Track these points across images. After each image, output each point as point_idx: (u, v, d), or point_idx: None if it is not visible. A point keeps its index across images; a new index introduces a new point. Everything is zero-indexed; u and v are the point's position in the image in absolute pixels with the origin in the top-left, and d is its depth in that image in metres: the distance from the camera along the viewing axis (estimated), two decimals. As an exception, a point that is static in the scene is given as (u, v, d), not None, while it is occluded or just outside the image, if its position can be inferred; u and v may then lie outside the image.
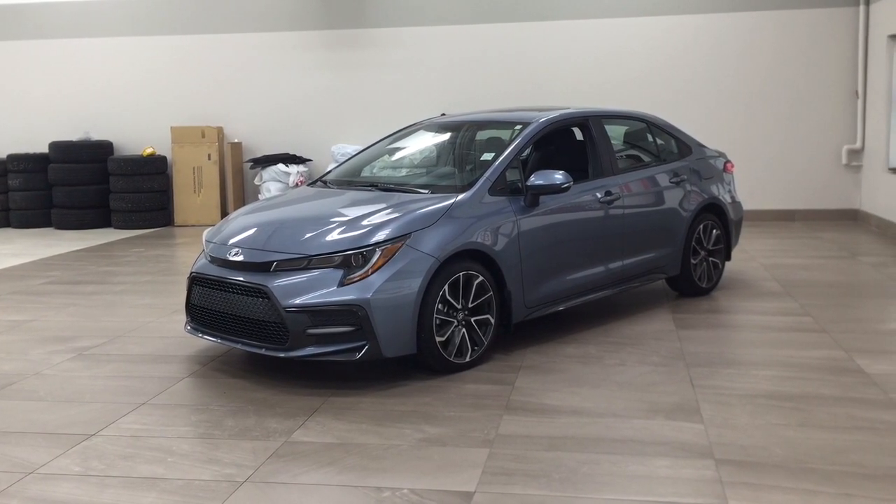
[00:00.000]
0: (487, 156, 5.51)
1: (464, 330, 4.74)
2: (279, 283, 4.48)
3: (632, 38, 11.14)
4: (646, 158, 6.48)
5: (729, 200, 6.72)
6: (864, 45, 10.57)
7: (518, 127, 5.63)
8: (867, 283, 7.12)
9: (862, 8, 10.55)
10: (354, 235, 4.60)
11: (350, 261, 4.49)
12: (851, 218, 10.82)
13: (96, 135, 12.40)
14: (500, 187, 5.13)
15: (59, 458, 3.67)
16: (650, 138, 6.56)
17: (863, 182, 10.74)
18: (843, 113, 10.81)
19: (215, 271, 4.85)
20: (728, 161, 6.98)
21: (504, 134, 5.80)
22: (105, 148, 12.17)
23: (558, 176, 5.09)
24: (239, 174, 12.17)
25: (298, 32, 11.91)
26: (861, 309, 6.26)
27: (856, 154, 10.78)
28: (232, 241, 4.92)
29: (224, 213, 11.84)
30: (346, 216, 4.87)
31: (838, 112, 10.82)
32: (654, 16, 11.09)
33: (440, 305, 4.60)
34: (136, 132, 12.37)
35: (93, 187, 11.93)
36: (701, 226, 6.40)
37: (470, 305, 4.75)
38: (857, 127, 10.73)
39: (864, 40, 10.57)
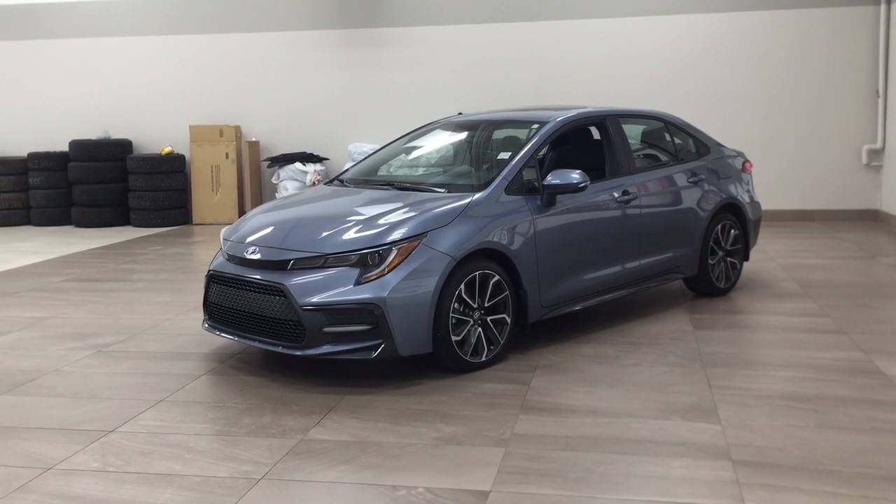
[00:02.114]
0: (504, 155, 5.50)
1: (480, 329, 4.74)
2: (296, 281, 4.50)
3: (649, 37, 11.10)
4: (663, 158, 6.46)
5: (747, 200, 6.67)
6: (886, 44, 10.47)
7: (535, 126, 5.62)
8: (887, 284, 7.05)
9: (883, 7, 10.45)
10: (371, 234, 4.60)
11: (366, 259, 4.50)
12: (871, 218, 10.72)
13: (116, 133, 12.48)
14: (517, 186, 5.12)
15: (78, 453, 3.70)
16: (668, 138, 6.53)
17: (883, 182, 10.64)
18: (863, 112, 10.72)
19: (233, 269, 4.87)
20: (746, 161, 6.94)
21: (521, 133, 5.79)
22: (124, 146, 12.25)
23: (575, 175, 5.08)
24: (256, 173, 12.22)
25: (316, 32, 11.95)
26: (881, 310, 6.21)
27: (876, 154, 10.69)
28: (249, 239, 4.94)
29: (241, 212, 11.90)
30: (363, 215, 4.88)
31: (858, 111, 10.73)
32: (672, 14, 11.04)
33: (456, 304, 4.59)
34: (154, 131, 12.45)
35: (112, 186, 12.02)
36: (719, 226, 6.37)
37: (486, 305, 4.75)
38: (877, 126, 10.64)
39: (885, 39, 10.47)
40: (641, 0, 11.11)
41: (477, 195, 4.95)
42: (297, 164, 11.57)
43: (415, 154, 6.49)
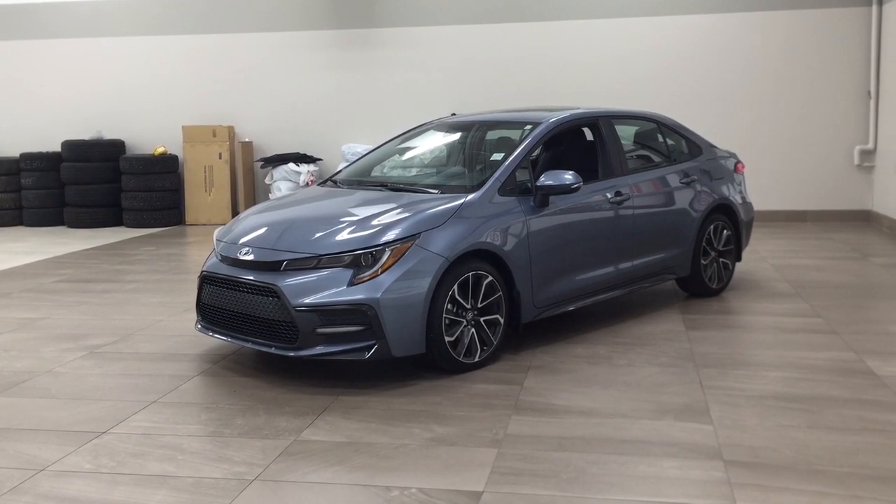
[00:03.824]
0: (497, 156, 5.51)
1: (473, 330, 4.74)
2: (289, 282, 4.50)
3: (642, 38, 11.12)
4: (656, 159, 6.47)
5: (739, 201, 6.70)
6: (877, 45, 10.52)
7: (528, 127, 5.63)
8: (878, 284, 7.08)
9: (875, 8, 10.50)
10: (364, 235, 4.61)
11: (360, 260, 4.50)
12: (863, 219, 10.77)
13: (108, 134, 12.46)
14: (510, 187, 5.13)
15: (71, 455, 3.70)
16: (660, 138, 6.55)
17: (875, 183, 10.69)
18: (855, 113, 10.76)
19: (226, 270, 4.87)
20: (739, 161, 6.96)
21: (514, 134, 5.80)
22: (117, 147, 12.23)
23: (568, 176, 5.09)
24: (250, 173, 12.21)
25: (309, 32, 11.95)
26: (872, 310, 6.23)
27: (868, 155, 10.73)
28: (242, 240, 4.94)
29: (235, 212, 11.88)
30: (356, 216, 4.89)
31: (850, 112, 10.77)
32: (665, 15, 11.06)
33: (449, 305, 4.60)
34: (147, 131, 12.43)
35: (105, 186, 12.00)
36: (711, 226, 6.39)
37: (479, 305, 4.76)
38: (869, 127, 10.68)
39: (877, 40, 10.51)
40: (634, 1, 11.14)
41: (470, 196, 4.96)
42: (291, 165, 11.56)
43: (408, 155, 6.49)
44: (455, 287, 4.62)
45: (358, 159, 6.44)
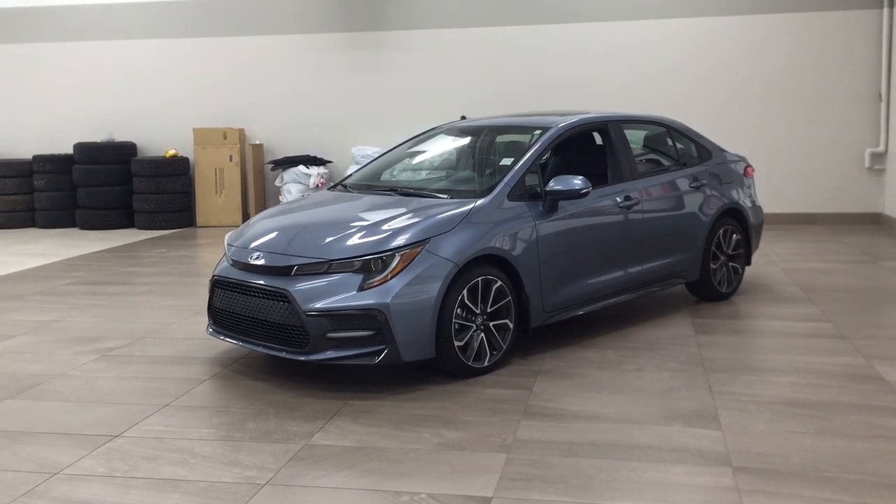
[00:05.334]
0: (507, 160, 5.53)
1: (482, 334, 4.76)
2: (300, 286, 4.53)
3: (651, 42, 11.11)
4: (665, 163, 6.48)
5: (749, 205, 6.69)
6: (888, 48, 10.48)
7: (537, 132, 5.65)
8: (889, 288, 7.06)
9: (886, 10, 10.46)
10: (374, 240, 4.63)
11: (370, 265, 4.53)
12: (874, 222, 10.72)
13: (120, 136, 12.52)
14: (519, 192, 5.14)
15: (84, 458, 3.74)
16: (670, 143, 6.55)
17: (886, 186, 10.64)
18: (865, 116, 10.72)
19: (237, 275, 4.90)
20: (749, 165, 6.95)
21: (523, 138, 5.82)
22: (128, 149, 12.29)
23: (577, 181, 5.10)
24: (260, 175, 12.25)
25: (320, 35, 11.99)
26: (882, 315, 6.22)
27: (879, 157, 10.69)
28: (253, 244, 4.98)
29: (245, 215, 11.93)
30: (366, 221, 4.91)
31: (861, 115, 10.73)
32: (674, 18, 11.05)
33: (459, 310, 4.62)
34: (159, 134, 12.49)
35: (116, 188, 12.06)
36: (721, 230, 6.38)
37: (488, 310, 4.78)
38: (880, 130, 10.64)
39: (888, 43, 10.48)
40: (644, 3, 11.13)
41: (479, 201, 4.98)
42: (301, 167, 11.60)
43: (418, 159, 6.51)
44: (465, 292, 4.63)
45: (368, 163, 6.47)
